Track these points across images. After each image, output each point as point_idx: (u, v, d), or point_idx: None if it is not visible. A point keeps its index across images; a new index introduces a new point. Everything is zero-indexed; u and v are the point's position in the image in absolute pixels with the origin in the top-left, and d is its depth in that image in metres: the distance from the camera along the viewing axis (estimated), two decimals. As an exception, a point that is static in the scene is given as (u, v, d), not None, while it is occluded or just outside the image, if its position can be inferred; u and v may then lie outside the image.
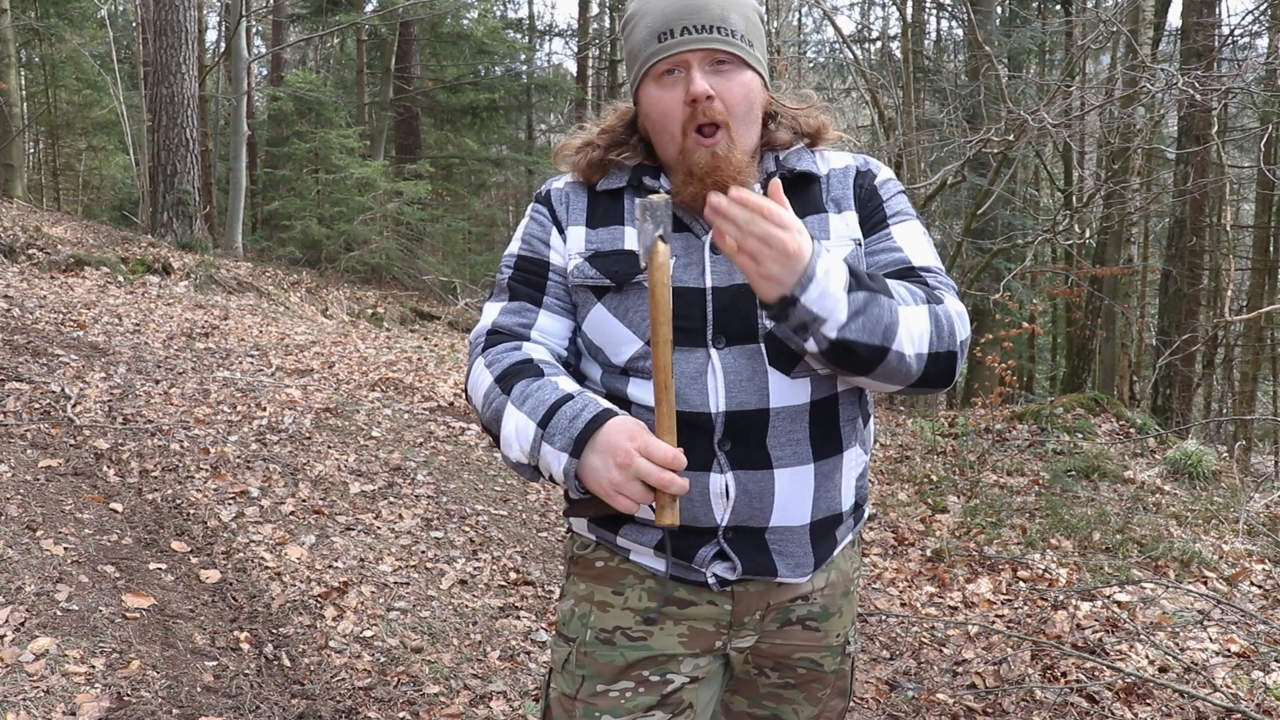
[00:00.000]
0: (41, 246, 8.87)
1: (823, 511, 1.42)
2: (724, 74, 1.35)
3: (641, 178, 1.43)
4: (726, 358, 1.35)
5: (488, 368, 1.40)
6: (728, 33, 1.34)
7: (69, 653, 2.81)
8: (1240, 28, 9.33)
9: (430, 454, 5.08)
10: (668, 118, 1.36)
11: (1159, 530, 4.90)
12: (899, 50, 11.80)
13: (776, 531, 1.39)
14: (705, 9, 1.34)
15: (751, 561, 1.39)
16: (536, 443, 1.30)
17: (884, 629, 3.85)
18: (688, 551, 1.40)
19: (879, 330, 1.24)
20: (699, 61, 1.34)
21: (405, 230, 13.79)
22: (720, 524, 1.38)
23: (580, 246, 1.43)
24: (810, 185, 1.45)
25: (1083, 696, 3.24)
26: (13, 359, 5.47)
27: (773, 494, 1.37)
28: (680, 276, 1.37)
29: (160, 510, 3.94)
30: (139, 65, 13.26)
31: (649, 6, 1.37)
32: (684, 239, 1.39)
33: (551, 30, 23.43)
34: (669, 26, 1.34)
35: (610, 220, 1.43)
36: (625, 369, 1.40)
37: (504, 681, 3.10)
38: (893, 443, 6.78)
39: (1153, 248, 15.90)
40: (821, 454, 1.39)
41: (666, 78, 1.36)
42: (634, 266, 1.39)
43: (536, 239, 1.47)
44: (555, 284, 1.45)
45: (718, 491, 1.36)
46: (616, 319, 1.39)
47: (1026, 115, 6.44)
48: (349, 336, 8.43)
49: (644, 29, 1.37)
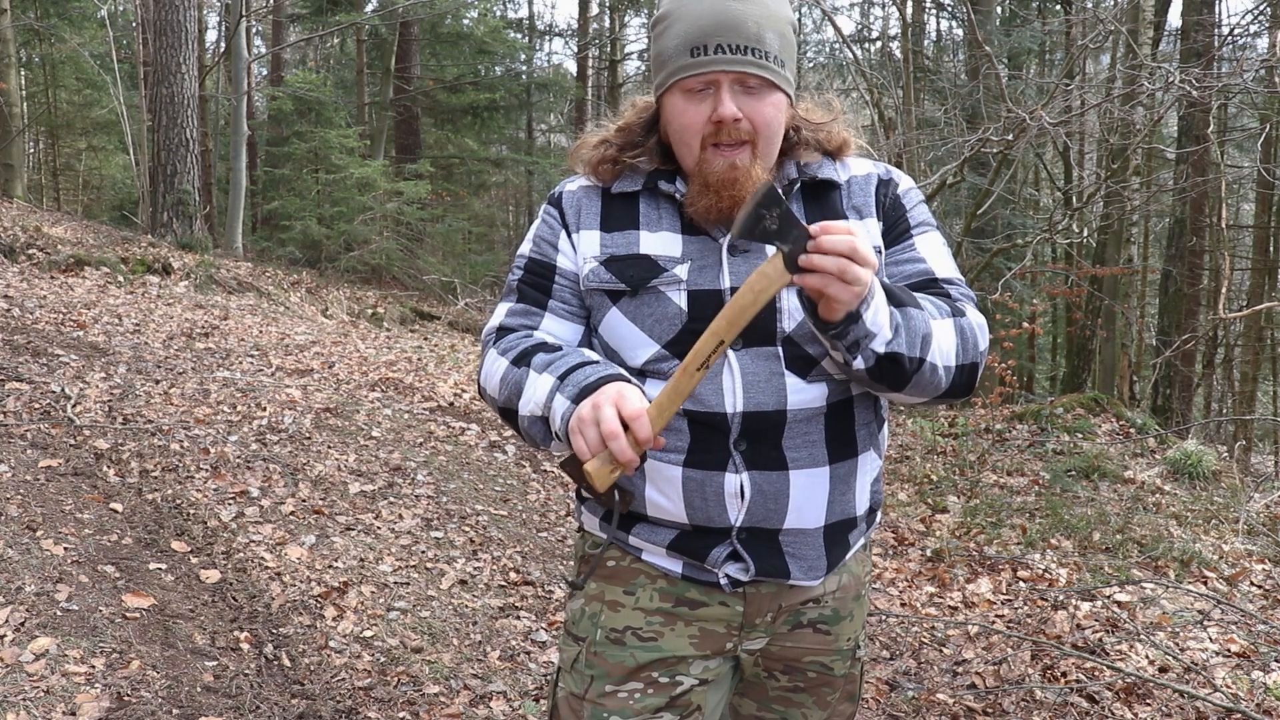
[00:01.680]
0: (41, 246, 8.87)
1: (837, 515, 1.42)
2: (753, 94, 1.33)
3: (657, 182, 1.41)
4: (744, 359, 1.35)
5: (502, 355, 1.41)
6: (761, 54, 1.32)
7: (69, 653, 2.81)
8: (1240, 27, 9.32)
9: (430, 454, 5.08)
10: (689, 131, 1.35)
11: (1159, 530, 4.90)
12: (899, 50, 11.80)
13: (790, 533, 1.39)
14: (741, 25, 1.31)
15: (765, 563, 1.39)
16: (551, 394, 1.31)
17: (884, 629, 3.85)
18: (701, 551, 1.40)
19: (917, 342, 1.27)
20: (729, 82, 1.32)
21: (405, 230, 13.79)
22: (735, 524, 1.38)
23: (595, 250, 1.42)
24: (830, 192, 1.44)
25: (1083, 696, 3.24)
26: (13, 359, 5.47)
27: (788, 495, 1.37)
28: (697, 280, 1.37)
29: (160, 510, 3.94)
30: (139, 65, 13.25)
31: (684, 11, 1.34)
32: (700, 242, 1.39)
33: (551, 30, 23.45)
34: (703, 41, 1.31)
35: (625, 224, 1.42)
36: (642, 370, 1.40)
37: (504, 681, 3.10)
38: (893, 443, 6.78)
39: (1153, 248, 15.89)
40: (837, 457, 1.39)
41: (694, 93, 1.34)
42: (649, 271, 1.38)
43: (546, 241, 1.47)
44: (562, 288, 1.45)
45: (732, 491, 1.36)
46: (632, 323, 1.39)
47: (1026, 115, 6.44)
48: (349, 336, 8.43)
49: (676, 36, 1.34)
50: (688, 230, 1.40)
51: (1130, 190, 10.25)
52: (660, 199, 1.42)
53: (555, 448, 1.36)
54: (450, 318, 12.13)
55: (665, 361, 1.37)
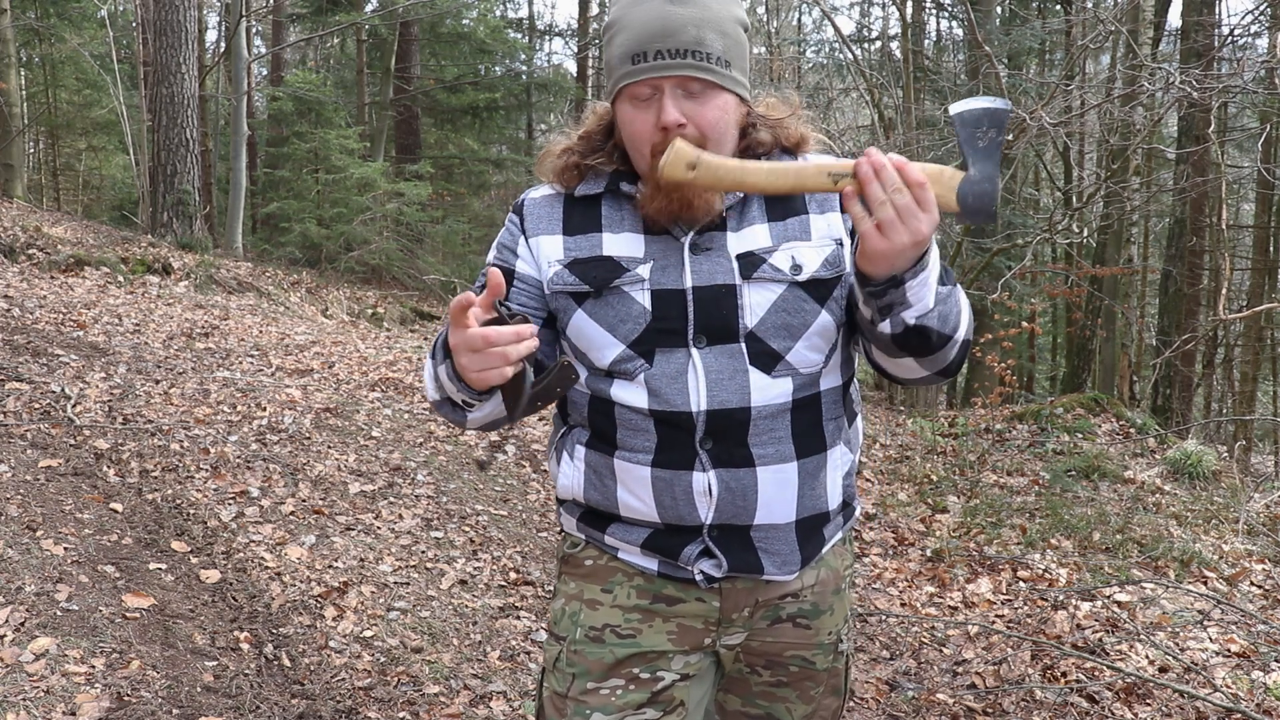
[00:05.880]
0: (41, 246, 8.87)
1: (808, 509, 1.43)
2: (696, 98, 1.33)
3: (619, 184, 1.43)
4: (708, 357, 1.36)
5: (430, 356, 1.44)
6: (702, 56, 1.31)
7: (69, 653, 2.81)
8: (1240, 28, 9.31)
9: (430, 454, 5.08)
10: (639, 139, 1.36)
11: (1159, 530, 4.90)
12: (899, 50, 11.80)
13: (761, 529, 1.41)
14: (680, 31, 1.31)
15: (737, 559, 1.41)
16: (434, 371, 1.35)
17: (884, 629, 3.85)
18: (674, 549, 1.42)
19: (950, 321, 1.27)
20: (671, 87, 1.32)
21: (405, 231, 13.78)
22: (705, 522, 1.39)
23: (559, 254, 1.43)
24: None
25: (1083, 696, 3.24)
26: (13, 359, 5.47)
27: (756, 492, 1.38)
28: (660, 279, 1.38)
29: (160, 510, 3.94)
30: (139, 65, 13.24)
31: (626, 20, 1.35)
32: (663, 242, 1.40)
33: (551, 30, 23.43)
34: (642, 48, 1.32)
35: (587, 227, 1.44)
36: (609, 371, 1.41)
37: (504, 681, 3.10)
38: (893, 443, 6.78)
39: (1153, 248, 15.89)
40: (805, 452, 1.41)
41: (640, 100, 1.34)
42: (612, 272, 1.39)
43: (506, 248, 1.49)
44: (520, 291, 1.46)
45: (701, 490, 1.38)
46: (597, 324, 1.40)
47: (1026, 115, 6.44)
48: (349, 336, 8.43)
49: (619, 45, 1.35)
50: (650, 231, 1.41)
51: (1130, 190, 10.25)
52: (622, 200, 1.44)
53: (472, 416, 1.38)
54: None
55: (631, 361, 1.38)
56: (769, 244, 1.39)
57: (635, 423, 1.39)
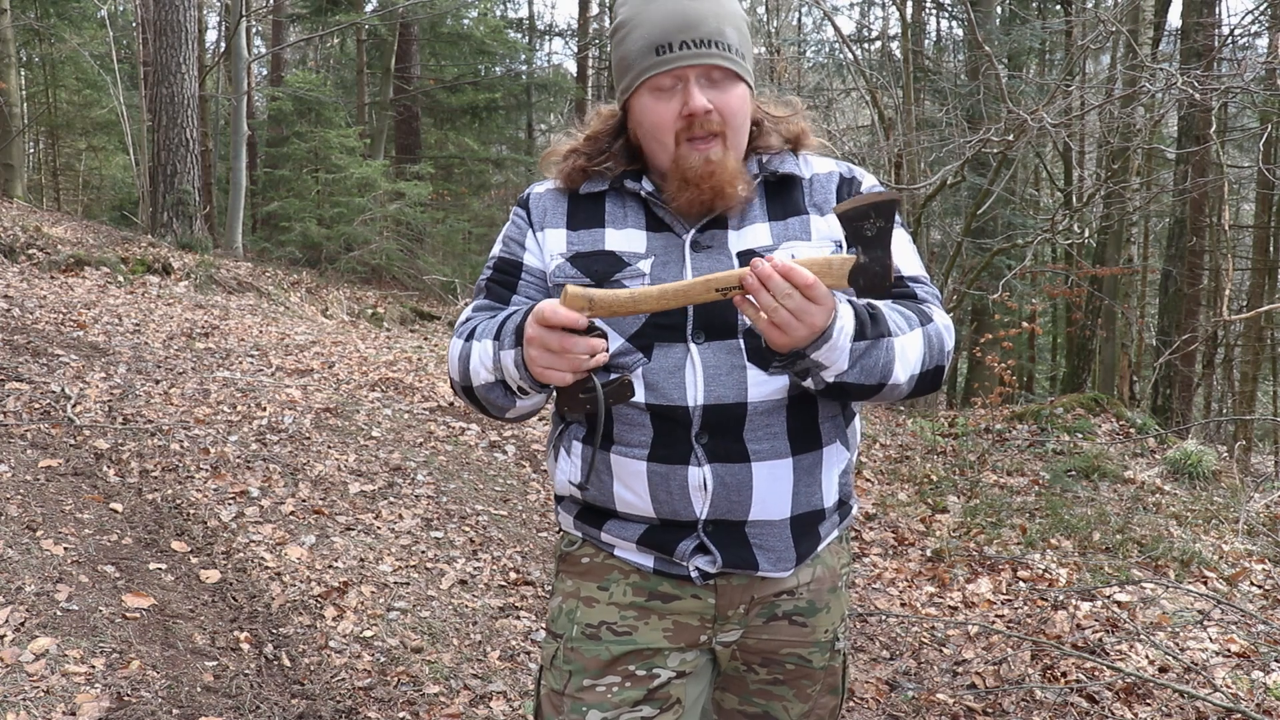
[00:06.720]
0: (41, 246, 8.87)
1: (803, 506, 1.44)
2: (718, 86, 1.37)
3: (624, 181, 1.45)
4: (705, 352, 1.38)
5: (457, 337, 1.46)
6: (724, 47, 1.36)
7: (69, 653, 2.81)
8: (1240, 28, 9.32)
9: (430, 454, 5.08)
10: (661, 128, 1.39)
11: (1159, 530, 4.90)
12: (899, 50, 11.79)
13: (756, 525, 1.41)
14: (702, 23, 1.36)
15: (732, 554, 1.42)
16: (496, 354, 1.36)
17: (884, 629, 3.85)
18: (669, 545, 1.43)
19: (876, 372, 1.30)
20: (696, 76, 1.36)
21: (405, 231, 13.78)
22: (700, 517, 1.40)
23: (561, 247, 1.46)
24: (793, 188, 1.48)
25: (1083, 696, 3.24)
26: (13, 359, 5.47)
27: (751, 487, 1.39)
28: (660, 274, 1.40)
29: (160, 510, 3.94)
30: (139, 65, 13.25)
31: (643, 17, 1.38)
32: (665, 238, 1.43)
33: (551, 30, 23.44)
34: (667, 40, 1.36)
35: (591, 223, 1.46)
36: (608, 365, 1.41)
37: (504, 681, 3.10)
38: (893, 443, 6.78)
39: (1153, 248, 15.89)
40: (800, 449, 1.42)
41: (663, 91, 1.38)
42: (613, 266, 1.42)
43: (514, 241, 1.51)
44: (527, 284, 1.49)
45: (696, 484, 1.38)
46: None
47: (1026, 115, 6.44)
48: (349, 336, 8.42)
49: (639, 40, 1.38)
50: (652, 227, 1.44)
51: (1130, 190, 10.25)
52: (626, 197, 1.46)
53: (521, 404, 1.40)
54: (450, 318, 12.12)
55: (630, 355, 1.39)
56: (769, 242, 1.41)
57: (632, 417, 1.40)
